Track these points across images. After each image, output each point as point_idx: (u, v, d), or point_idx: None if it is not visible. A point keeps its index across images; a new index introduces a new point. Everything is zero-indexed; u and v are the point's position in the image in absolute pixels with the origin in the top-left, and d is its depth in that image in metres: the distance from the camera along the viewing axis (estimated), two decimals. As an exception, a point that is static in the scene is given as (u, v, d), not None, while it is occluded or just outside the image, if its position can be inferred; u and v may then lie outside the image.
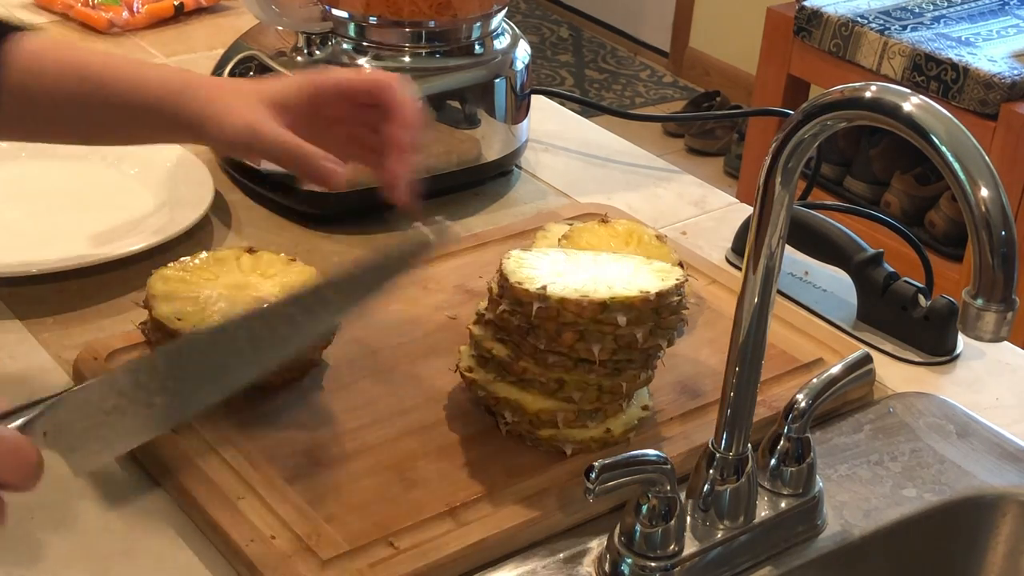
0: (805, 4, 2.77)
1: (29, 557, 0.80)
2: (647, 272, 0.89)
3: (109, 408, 0.70)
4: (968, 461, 0.94)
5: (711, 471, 0.82)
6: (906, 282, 1.08)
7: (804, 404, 0.85)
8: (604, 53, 4.39)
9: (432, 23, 1.19)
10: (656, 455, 0.77)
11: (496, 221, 1.22)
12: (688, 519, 0.82)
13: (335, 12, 1.18)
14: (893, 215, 2.67)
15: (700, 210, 1.28)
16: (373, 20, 1.18)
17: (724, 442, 0.81)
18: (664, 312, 0.86)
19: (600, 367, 0.86)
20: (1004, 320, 0.65)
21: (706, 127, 3.68)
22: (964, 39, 2.62)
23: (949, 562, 0.94)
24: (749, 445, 0.82)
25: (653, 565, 0.79)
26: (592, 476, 0.73)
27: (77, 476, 0.69)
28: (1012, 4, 2.84)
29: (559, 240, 1.02)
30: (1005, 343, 1.06)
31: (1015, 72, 2.46)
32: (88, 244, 1.09)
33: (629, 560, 0.79)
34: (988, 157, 0.65)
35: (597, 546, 0.83)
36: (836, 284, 1.13)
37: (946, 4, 2.81)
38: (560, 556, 0.82)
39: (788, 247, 1.04)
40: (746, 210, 1.27)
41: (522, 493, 0.85)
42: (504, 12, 1.25)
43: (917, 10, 2.77)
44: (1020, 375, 1.06)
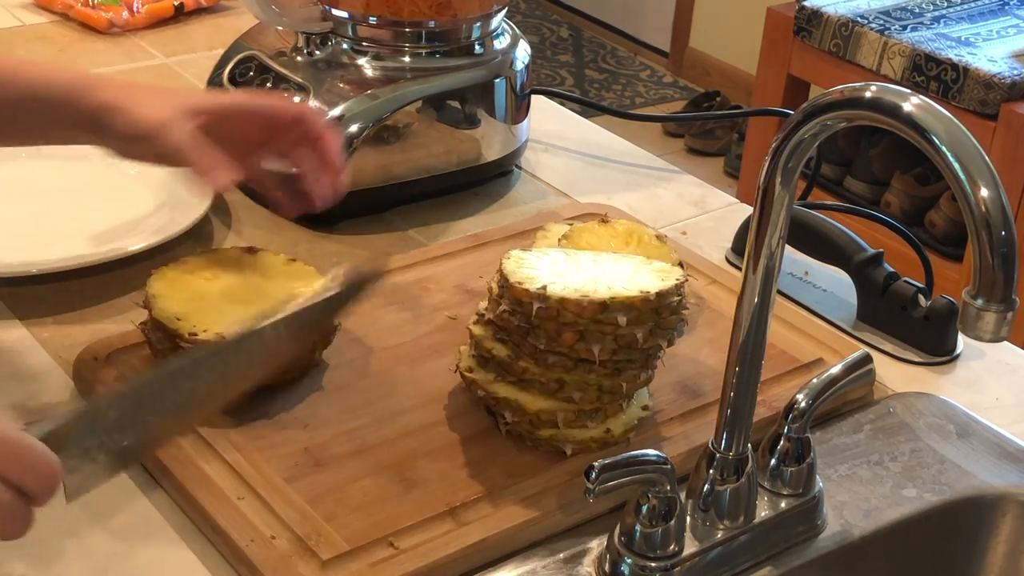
0: (805, 4, 2.77)
1: (29, 557, 0.80)
2: (647, 272, 0.89)
3: (108, 428, 0.71)
4: (968, 461, 0.94)
5: (711, 471, 0.82)
6: (906, 282, 1.08)
7: (804, 404, 0.85)
8: (604, 53, 4.39)
9: (432, 23, 1.19)
10: (656, 455, 0.77)
11: (496, 221, 1.22)
12: (688, 519, 0.82)
13: (335, 12, 1.18)
14: (893, 215, 2.67)
15: (700, 210, 1.28)
16: (373, 20, 1.18)
17: (724, 442, 0.81)
18: (664, 312, 0.86)
19: (600, 367, 0.86)
20: (1004, 320, 0.65)
21: (706, 127, 3.68)
22: (964, 39, 2.62)
23: (949, 562, 0.94)
24: (749, 445, 0.82)
25: (653, 565, 0.79)
26: (592, 476, 0.73)
27: (69, 503, 0.68)
28: (1012, 4, 2.84)
29: (559, 240, 1.02)
30: (1005, 343, 1.06)
31: (1015, 72, 2.46)
32: (88, 244, 1.09)
33: (629, 560, 0.79)
34: (988, 157, 0.65)
35: (597, 546, 0.83)
36: (836, 284, 1.13)
37: (946, 4, 2.81)
38: (560, 556, 0.82)
39: (788, 247, 1.04)
40: (746, 210, 1.27)
41: (522, 493, 0.85)
42: (504, 12, 1.25)
43: (917, 10, 2.77)
44: (1020, 375, 1.06)
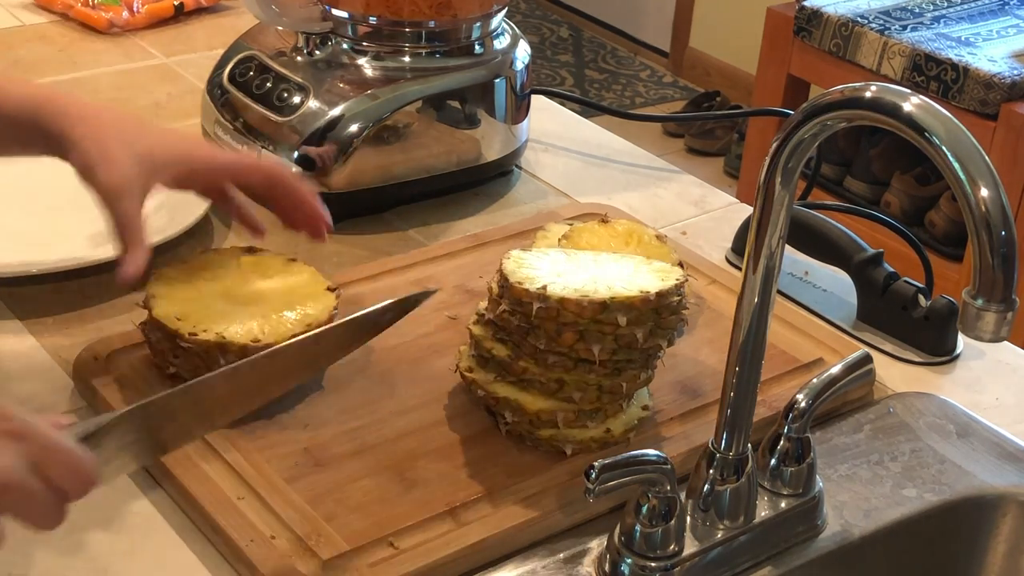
0: (805, 4, 2.77)
1: (29, 557, 0.80)
2: (647, 272, 0.89)
3: (147, 427, 0.75)
4: (968, 461, 0.94)
5: (711, 471, 0.82)
6: (906, 282, 1.08)
7: (804, 404, 0.85)
8: (604, 53, 4.39)
9: (432, 23, 1.19)
10: (656, 455, 0.77)
11: (496, 221, 1.22)
12: (688, 519, 0.82)
13: (335, 12, 1.18)
14: (893, 215, 2.67)
15: (700, 210, 1.28)
16: (373, 20, 1.18)
17: (724, 442, 0.81)
18: (664, 312, 0.86)
19: (600, 367, 0.86)
20: (1004, 320, 0.65)
21: (706, 127, 3.68)
22: (964, 39, 2.62)
23: (949, 562, 0.94)
24: (749, 445, 0.82)
25: (653, 565, 0.79)
26: (592, 476, 0.73)
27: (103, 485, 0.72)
28: (1012, 4, 2.84)
29: (559, 240, 1.02)
30: (1005, 343, 1.06)
31: (1015, 72, 2.46)
32: (88, 244, 1.09)
33: (629, 560, 0.79)
34: (988, 157, 0.65)
35: (597, 546, 0.83)
36: (836, 284, 1.13)
37: (946, 4, 2.81)
38: (560, 556, 0.82)
39: (788, 247, 1.04)
40: (746, 210, 1.27)
41: (522, 493, 0.85)
42: (504, 12, 1.25)
43: (917, 10, 2.77)
44: (1020, 375, 1.06)
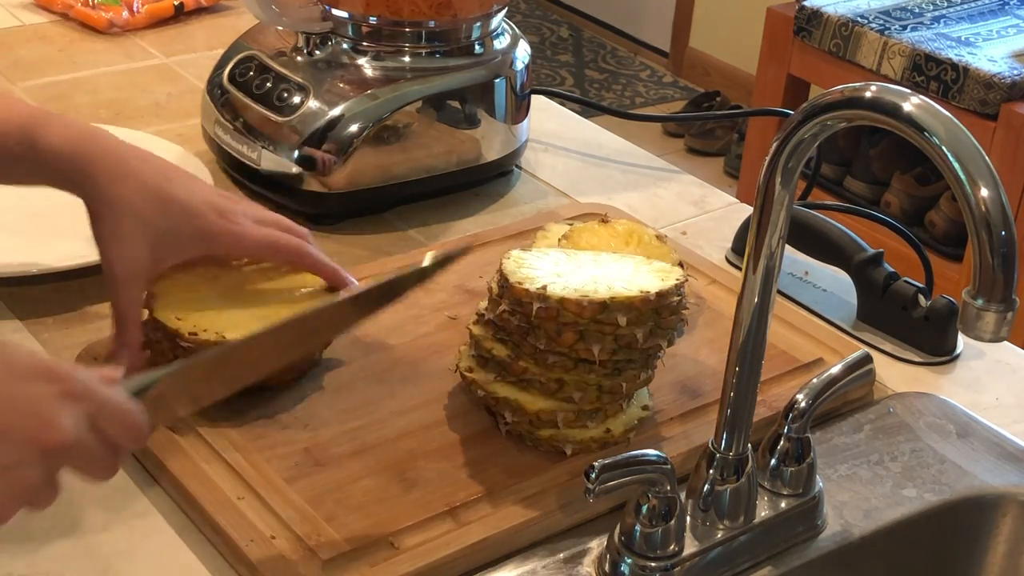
0: (805, 4, 2.77)
1: (29, 557, 0.80)
2: (647, 272, 0.89)
3: (193, 381, 0.77)
4: (968, 461, 0.94)
5: (711, 471, 0.82)
6: (906, 282, 1.08)
7: (804, 404, 0.85)
8: (604, 53, 4.39)
9: (432, 23, 1.19)
10: (656, 455, 0.77)
11: (496, 221, 1.22)
12: (688, 519, 0.82)
13: (335, 12, 1.18)
14: (893, 215, 2.67)
15: (700, 210, 1.28)
16: (373, 20, 1.18)
17: (724, 442, 0.81)
18: (664, 312, 0.86)
19: (600, 367, 0.86)
20: (1004, 320, 0.65)
21: (706, 127, 3.68)
22: (964, 39, 2.62)
23: (949, 562, 0.94)
24: (749, 445, 0.82)
25: (653, 565, 0.79)
26: (592, 476, 0.73)
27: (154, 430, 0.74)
28: (1012, 4, 2.84)
29: (559, 240, 1.02)
30: (1005, 343, 1.06)
31: (1015, 72, 2.46)
32: (88, 244, 1.09)
33: (629, 560, 0.79)
34: (988, 157, 0.65)
35: (597, 546, 0.83)
36: (836, 284, 1.13)
37: (946, 4, 2.81)
38: (560, 556, 0.82)
39: (788, 247, 1.04)
40: (746, 210, 1.27)
41: (522, 493, 0.85)
42: (504, 12, 1.25)
43: (917, 10, 2.77)
44: (1020, 375, 1.06)
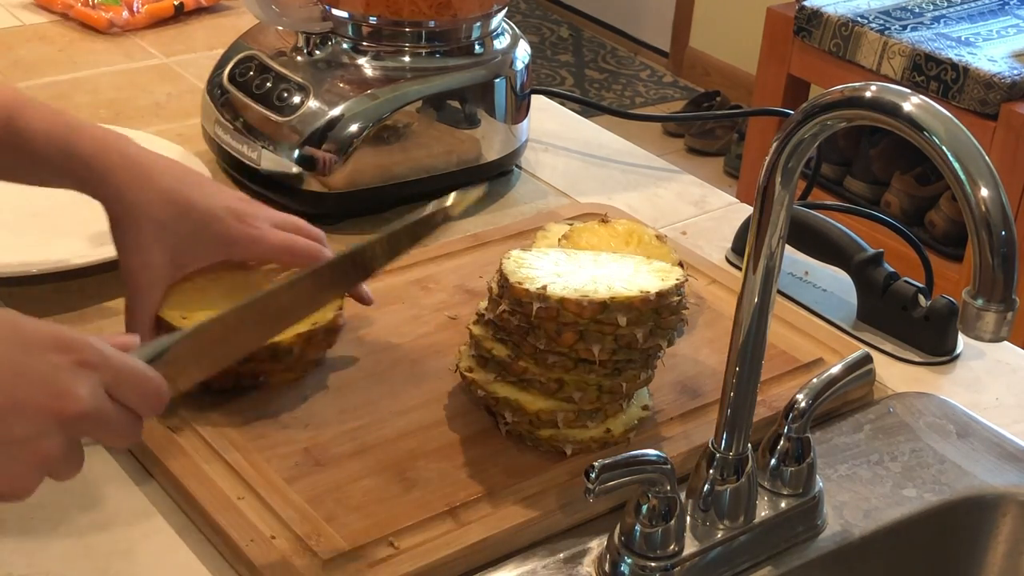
0: (805, 4, 2.77)
1: (29, 557, 0.80)
2: (647, 272, 0.89)
3: (209, 343, 0.77)
4: (968, 461, 0.94)
5: (711, 471, 0.82)
6: (906, 282, 1.08)
7: (804, 404, 0.85)
8: (604, 53, 4.39)
9: (432, 23, 1.19)
10: (656, 455, 0.77)
11: (496, 221, 1.22)
12: (688, 519, 0.82)
13: (335, 12, 1.18)
14: (893, 215, 2.67)
15: (700, 210, 1.28)
16: (373, 20, 1.18)
17: (724, 442, 0.81)
18: (664, 312, 0.86)
19: (600, 367, 0.86)
20: (1004, 320, 0.65)
21: (706, 127, 3.68)
22: (964, 39, 2.62)
23: (949, 562, 0.94)
24: (749, 445, 0.82)
25: (653, 565, 0.79)
26: (592, 476, 0.73)
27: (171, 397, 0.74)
28: (1012, 4, 2.84)
29: (559, 240, 1.02)
30: (1005, 343, 1.06)
31: (1015, 72, 2.46)
32: (88, 244, 1.09)
33: (629, 560, 0.79)
34: (988, 157, 0.65)
35: (597, 546, 0.83)
36: (836, 284, 1.13)
37: (946, 4, 2.81)
38: (560, 556, 0.82)
39: (788, 247, 1.04)
40: (746, 210, 1.27)
41: (522, 493, 0.85)
42: (504, 12, 1.25)
43: (917, 10, 2.77)
44: (1020, 375, 1.06)
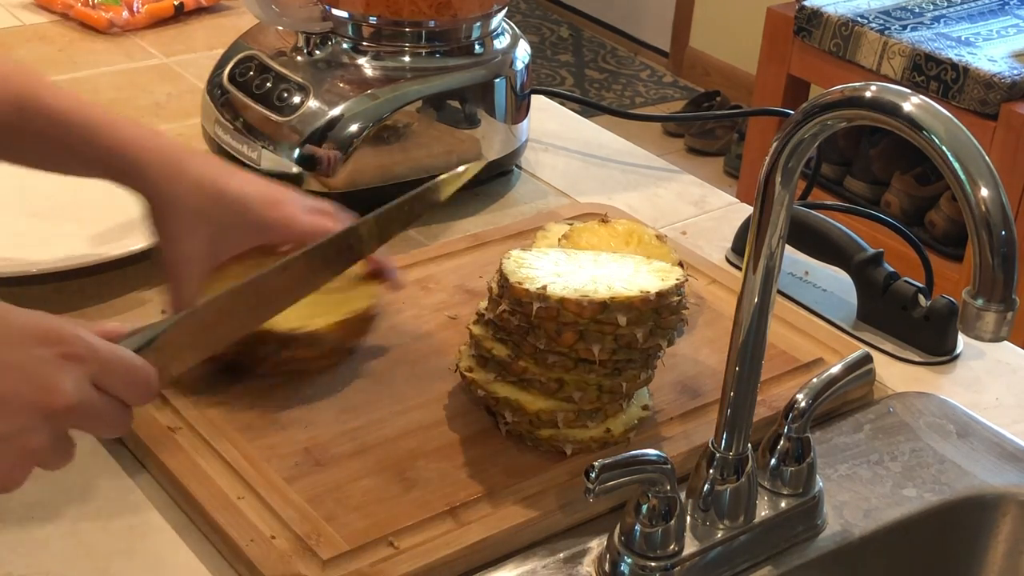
0: (805, 4, 2.77)
1: (29, 557, 0.80)
2: (647, 272, 0.89)
3: (202, 327, 0.78)
4: (968, 461, 0.94)
5: (711, 471, 0.82)
6: (906, 282, 1.08)
7: (804, 404, 0.85)
8: (604, 53, 4.39)
9: (432, 23, 1.19)
10: (656, 455, 0.77)
11: (496, 221, 1.22)
12: (688, 519, 0.82)
13: (335, 12, 1.18)
14: (893, 215, 2.67)
15: (700, 210, 1.28)
16: (373, 20, 1.18)
17: (724, 442, 0.81)
18: (664, 312, 0.86)
19: (600, 367, 0.86)
20: (1004, 320, 0.65)
21: (706, 127, 3.68)
22: (964, 39, 2.62)
23: (949, 562, 0.94)
24: (749, 445, 0.82)
25: (653, 565, 0.79)
26: (592, 476, 0.73)
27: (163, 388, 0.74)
28: (1012, 4, 2.84)
29: (559, 240, 1.02)
30: (1005, 343, 1.06)
31: (1015, 72, 2.46)
32: (88, 244, 1.09)
33: (629, 560, 0.79)
34: (988, 157, 0.65)
35: (597, 546, 0.83)
36: (836, 284, 1.13)
37: (946, 4, 2.81)
38: (560, 556, 0.82)
39: (788, 247, 1.04)
40: (746, 210, 1.27)
41: (522, 493, 0.85)
42: (504, 12, 1.25)
43: (917, 10, 2.77)
44: (1020, 375, 1.06)
